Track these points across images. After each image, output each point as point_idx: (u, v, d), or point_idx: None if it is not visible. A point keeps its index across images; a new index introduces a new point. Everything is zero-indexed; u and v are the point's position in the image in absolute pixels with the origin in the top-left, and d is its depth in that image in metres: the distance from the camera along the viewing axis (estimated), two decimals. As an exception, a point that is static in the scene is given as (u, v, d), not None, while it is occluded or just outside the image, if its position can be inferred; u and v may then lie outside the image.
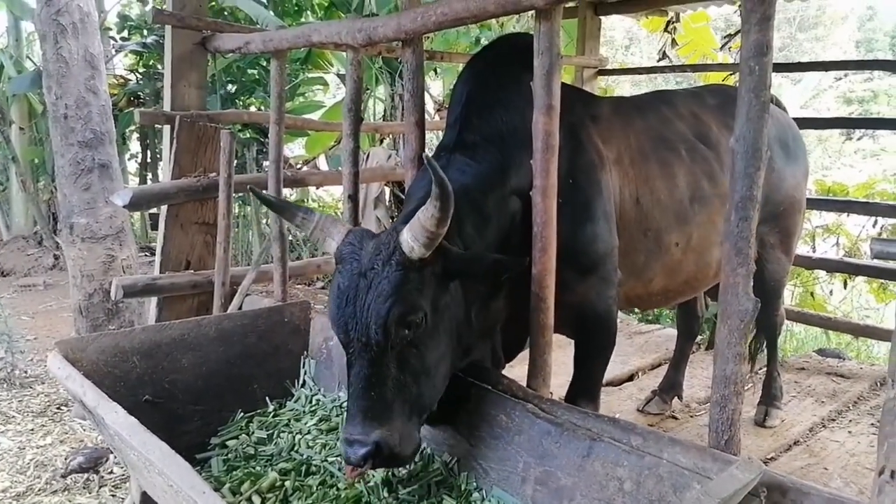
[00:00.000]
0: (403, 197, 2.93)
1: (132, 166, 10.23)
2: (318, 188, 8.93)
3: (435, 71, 8.20)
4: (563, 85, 2.65)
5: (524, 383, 2.27)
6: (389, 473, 2.20)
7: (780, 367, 3.87)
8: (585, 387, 2.73)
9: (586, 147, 2.59)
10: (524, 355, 2.50)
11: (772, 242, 3.31)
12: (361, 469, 1.85)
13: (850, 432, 3.62)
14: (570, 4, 5.23)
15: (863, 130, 19.20)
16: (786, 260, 3.45)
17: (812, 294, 5.99)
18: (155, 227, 7.00)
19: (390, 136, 7.45)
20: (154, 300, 3.82)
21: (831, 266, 5.21)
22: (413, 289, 1.87)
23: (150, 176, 9.57)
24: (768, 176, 3.03)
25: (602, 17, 5.44)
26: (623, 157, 2.71)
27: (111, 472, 3.37)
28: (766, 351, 3.85)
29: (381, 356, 1.86)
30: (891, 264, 4.43)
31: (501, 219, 2.34)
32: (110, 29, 8.95)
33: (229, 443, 2.49)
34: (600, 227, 2.52)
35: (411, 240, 1.86)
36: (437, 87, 8.86)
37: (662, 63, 6.45)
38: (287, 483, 2.17)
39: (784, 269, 3.49)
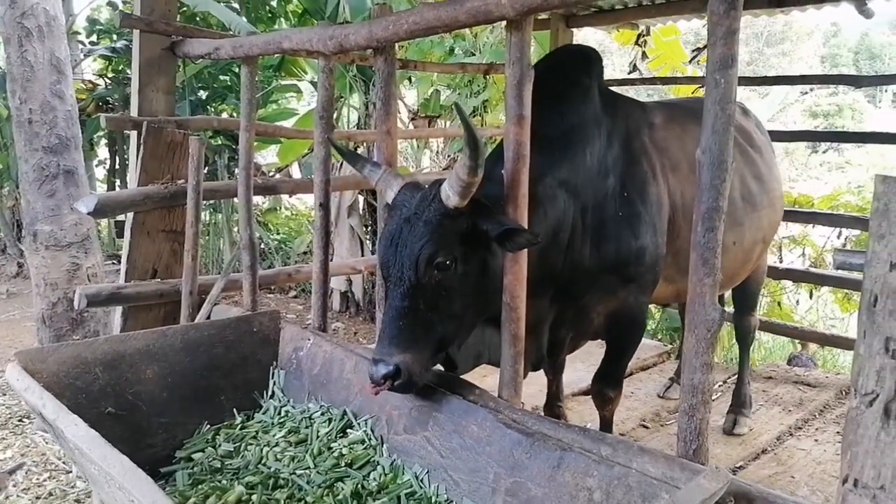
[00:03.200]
0: (376, 205, 2.96)
1: (100, 173, 10.05)
2: (290, 196, 8.87)
3: (409, 79, 8.21)
4: (619, 95, 2.91)
5: (496, 393, 2.26)
6: (359, 486, 2.17)
7: (749, 375, 3.94)
8: (613, 376, 2.97)
9: (640, 159, 2.73)
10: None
11: (762, 248, 3.56)
12: (381, 387, 2.01)
13: (816, 441, 3.68)
14: (543, 16, 5.28)
15: (828, 143, 19.68)
16: (765, 264, 3.83)
17: (779, 304, 6.09)
18: (122, 234, 6.88)
19: (364, 144, 7.42)
20: (119, 309, 3.73)
21: (797, 276, 5.32)
22: (445, 234, 2.05)
23: (118, 182, 9.40)
24: (771, 183, 3.31)
25: (574, 30, 5.50)
26: (682, 164, 2.85)
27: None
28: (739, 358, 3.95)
29: (411, 291, 2.04)
30: (854, 275, 4.53)
31: (551, 208, 2.46)
32: (79, 33, 8.81)
33: (195, 456, 2.43)
34: (648, 240, 2.66)
35: (448, 189, 2.04)
36: (411, 97, 8.86)
37: (633, 75, 6.53)
38: (254, 497, 2.12)
39: (765, 272, 3.86)
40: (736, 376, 4.34)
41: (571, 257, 2.57)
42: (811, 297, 6.28)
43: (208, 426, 2.61)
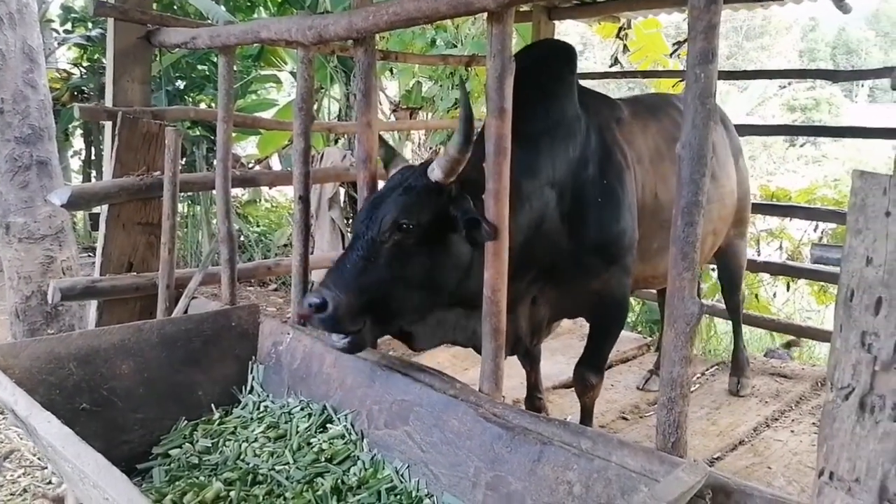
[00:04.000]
0: (357, 198, 2.95)
1: (75, 164, 9.87)
2: (270, 188, 8.78)
3: (391, 71, 8.15)
4: (588, 90, 3.01)
5: (476, 387, 2.25)
6: (339, 481, 2.16)
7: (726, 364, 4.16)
8: (595, 362, 3.03)
9: (614, 150, 2.84)
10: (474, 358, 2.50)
11: (741, 233, 3.94)
12: (303, 314, 2.09)
13: (792, 431, 3.73)
14: (524, 8, 5.26)
15: (805, 137, 19.92)
16: (744, 252, 4.14)
17: (757, 296, 6.16)
18: (97, 226, 6.79)
19: (345, 135, 7.37)
20: (94, 303, 3.67)
21: (775, 269, 5.38)
22: (418, 202, 2.16)
23: (94, 174, 9.25)
24: (721, 179, 3.46)
25: (556, 22, 5.48)
26: (644, 158, 2.99)
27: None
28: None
29: (368, 246, 2.14)
30: (830, 268, 4.59)
31: (537, 202, 2.56)
32: (52, 21, 8.63)
33: (172, 452, 2.40)
34: (627, 223, 2.79)
35: (436, 164, 2.17)
36: (392, 88, 8.80)
37: (615, 69, 6.53)
38: (232, 493, 2.10)
39: (744, 256, 4.14)
40: (715, 367, 4.61)
41: (554, 245, 2.65)
42: (788, 289, 6.37)
43: (185, 422, 2.57)
